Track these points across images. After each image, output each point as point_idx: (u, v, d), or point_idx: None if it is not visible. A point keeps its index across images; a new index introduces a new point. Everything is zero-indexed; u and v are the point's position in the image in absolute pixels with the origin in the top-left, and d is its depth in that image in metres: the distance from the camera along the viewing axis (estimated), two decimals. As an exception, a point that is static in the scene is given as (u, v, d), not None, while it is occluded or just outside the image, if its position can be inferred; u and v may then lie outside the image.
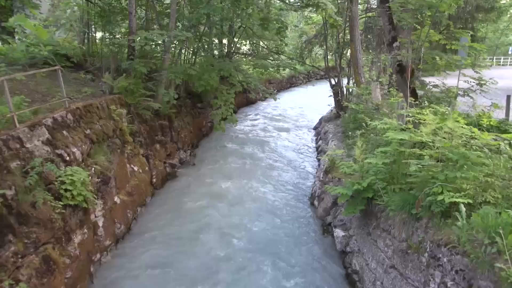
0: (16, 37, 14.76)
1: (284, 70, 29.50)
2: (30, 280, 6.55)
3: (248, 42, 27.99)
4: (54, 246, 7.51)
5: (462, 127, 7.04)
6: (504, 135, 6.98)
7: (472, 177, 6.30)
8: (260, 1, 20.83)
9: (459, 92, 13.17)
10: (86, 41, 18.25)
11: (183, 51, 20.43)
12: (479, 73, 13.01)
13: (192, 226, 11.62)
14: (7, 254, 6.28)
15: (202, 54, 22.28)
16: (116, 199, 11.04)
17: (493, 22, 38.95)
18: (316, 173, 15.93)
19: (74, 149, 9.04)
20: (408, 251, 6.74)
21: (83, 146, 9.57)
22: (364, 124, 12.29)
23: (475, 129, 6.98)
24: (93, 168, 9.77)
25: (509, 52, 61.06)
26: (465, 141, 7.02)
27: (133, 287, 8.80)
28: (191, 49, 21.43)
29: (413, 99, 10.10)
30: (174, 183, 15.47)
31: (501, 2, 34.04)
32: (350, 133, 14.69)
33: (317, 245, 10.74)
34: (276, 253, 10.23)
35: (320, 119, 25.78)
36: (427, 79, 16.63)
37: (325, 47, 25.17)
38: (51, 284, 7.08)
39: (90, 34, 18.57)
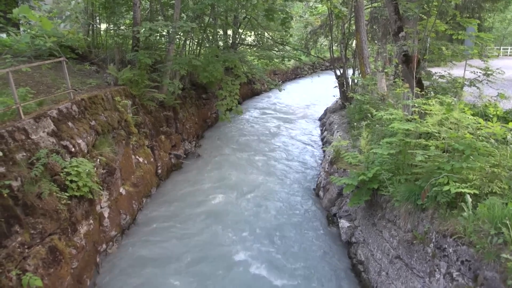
0: (21, 29, 14.77)
1: (289, 61, 29.34)
2: (37, 270, 6.59)
3: (252, 33, 27.89)
4: (60, 236, 7.55)
5: (468, 117, 6.99)
6: (510, 125, 6.91)
7: (478, 168, 6.27)
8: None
9: (466, 82, 13.08)
10: (90, 32, 18.25)
11: (187, 42, 20.39)
12: (486, 63, 12.89)
13: (198, 216, 11.65)
14: (14, 244, 6.32)
15: (207, 45, 22.23)
16: (121, 190, 11.08)
17: (500, 12, 38.56)
18: (321, 163, 15.92)
19: (79, 141, 9.06)
20: (414, 241, 6.74)
21: (88, 138, 9.59)
22: (369, 114, 12.25)
23: (481, 120, 6.93)
24: (98, 159, 9.80)
25: (516, 42, 60.57)
26: (471, 132, 6.97)
27: (139, 277, 8.84)
28: (196, 40, 21.38)
29: (419, 90, 10.04)
30: (179, 174, 15.50)
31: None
32: (355, 123, 14.67)
33: (322, 236, 10.75)
34: (281, 244, 10.25)
35: (325, 110, 25.76)
36: (433, 70, 16.50)
37: (330, 37, 24.99)
38: (58, 274, 7.13)
39: (95, 25, 18.55)
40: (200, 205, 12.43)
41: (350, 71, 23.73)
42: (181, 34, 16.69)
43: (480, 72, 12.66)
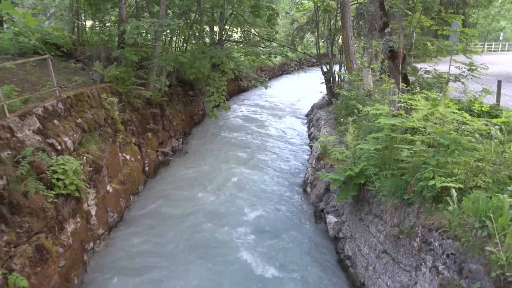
0: (5, 26, 14.59)
1: (275, 57, 29.36)
2: (24, 269, 6.55)
3: (239, 29, 27.84)
4: (47, 235, 7.50)
5: (453, 112, 7.07)
6: (494, 120, 7.01)
7: (463, 162, 6.35)
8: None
9: (450, 77, 13.19)
10: (76, 29, 18.06)
11: (174, 38, 20.29)
12: (470, 58, 13.02)
13: (185, 213, 11.64)
14: (-1, 243, 6.27)
15: (193, 41, 22.15)
16: (108, 187, 11.02)
17: (484, 8, 38.90)
18: (308, 159, 15.98)
19: (66, 138, 8.99)
20: (400, 236, 6.81)
21: (75, 135, 9.52)
22: (356, 110, 12.31)
23: (466, 114, 7.01)
24: (85, 157, 9.73)
25: (500, 38, 61.31)
26: (456, 126, 7.05)
27: (127, 275, 8.82)
28: (182, 37, 21.29)
29: (405, 85, 10.12)
30: (167, 171, 15.46)
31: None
32: (342, 119, 14.72)
33: (309, 232, 10.81)
34: (268, 240, 10.28)
35: (312, 106, 25.83)
36: (418, 65, 16.63)
37: (316, 34, 25.05)
38: (45, 273, 7.09)
39: (80, 22, 18.37)
40: (187, 202, 12.41)
41: (336, 67, 23.80)
42: (168, 31, 16.60)
43: (465, 68, 12.78)
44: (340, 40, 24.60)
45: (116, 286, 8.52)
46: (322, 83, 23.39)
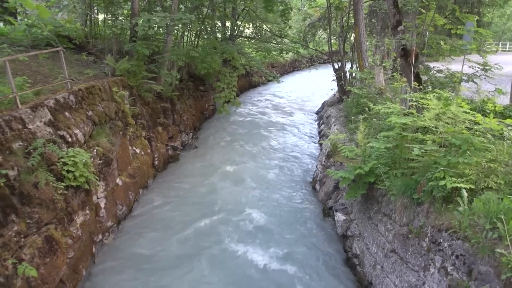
0: (19, 18, 14.68)
1: (287, 53, 29.31)
2: (33, 260, 6.60)
3: (251, 25, 27.80)
4: (57, 226, 7.55)
5: (465, 112, 7.00)
6: (507, 121, 6.93)
7: (474, 163, 6.29)
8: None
9: (463, 77, 13.08)
10: (88, 22, 18.12)
11: (186, 33, 20.31)
12: (484, 58, 12.88)
13: (194, 208, 11.67)
14: (10, 233, 6.32)
15: (205, 36, 22.16)
16: (118, 180, 11.07)
17: (499, 7, 38.45)
18: (318, 157, 15.93)
19: (76, 131, 9.04)
20: (409, 235, 6.76)
21: (85, 128, 9.57)
22: (367, 108, 12.24)
23: (479, 115, 6.94)
24: (95, 150, 9.78)
25: (515, 38, 60.56)
26: (468, 127, 6.98)
27: (135, 268, 8.86)
28: (194, 32, 21.31)
29: (417, 84, 10.05)
30: (176, 166, 15.50)
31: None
32: (352, 117, 14.66)
33: (317, 229, 10.78)
34: (277, 236, 10.27)
35: (322, 103, 25.74)
36: (431, 64, 16.50)
37: (328, 31, 24.92)
38: (54, 264, 7.14)
39: (93, 15, 18.43)
40: (196, 196, 12.45)
41: (348, 65, 23.69)
42: (180, 26, 16.60)
43: (478, 67, 12.66)
44: (352, 38, 24.47)
45: (124, 278, 8.56)
46: (333, 80, 23.29)
